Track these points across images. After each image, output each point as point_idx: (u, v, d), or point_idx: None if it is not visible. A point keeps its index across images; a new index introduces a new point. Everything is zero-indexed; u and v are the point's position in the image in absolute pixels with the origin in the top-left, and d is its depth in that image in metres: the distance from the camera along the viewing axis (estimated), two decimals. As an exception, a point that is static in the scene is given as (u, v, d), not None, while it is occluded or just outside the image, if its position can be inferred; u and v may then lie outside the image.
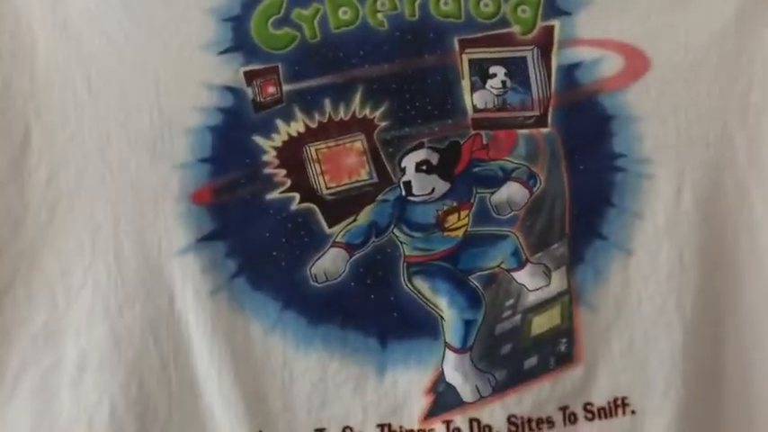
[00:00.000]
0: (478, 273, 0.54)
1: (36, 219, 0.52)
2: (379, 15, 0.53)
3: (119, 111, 0.52)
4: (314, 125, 0.53)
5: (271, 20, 0.53)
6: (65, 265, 0.52)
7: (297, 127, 0.53)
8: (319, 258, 0.53)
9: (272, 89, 0.53)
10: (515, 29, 0.54)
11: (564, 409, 0.54)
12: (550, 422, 0.53)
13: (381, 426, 0.53)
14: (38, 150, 0.52)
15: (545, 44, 0.54)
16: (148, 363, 0.52)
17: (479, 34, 0.54)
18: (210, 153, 0.52)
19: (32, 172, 0.52)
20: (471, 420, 0.53)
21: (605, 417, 0.54)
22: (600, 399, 0.54)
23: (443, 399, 0.53)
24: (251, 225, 0.53)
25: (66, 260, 0.52)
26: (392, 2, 0.53)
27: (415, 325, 0.54)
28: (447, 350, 0.54)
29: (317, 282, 0.53)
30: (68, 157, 0.52)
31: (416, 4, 0.53)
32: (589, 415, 0.54)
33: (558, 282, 0.54)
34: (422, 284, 0.54)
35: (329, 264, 0.53)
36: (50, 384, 0.52)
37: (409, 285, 0.54)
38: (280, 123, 0.53)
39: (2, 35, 0.51)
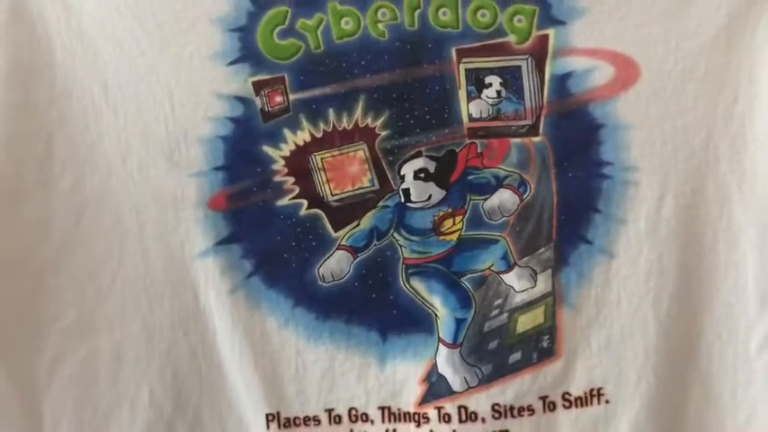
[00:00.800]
0: (470, 275, 0.58)
1: (63, 223, 0.55)
2: (380, 25, 0.54)
3: (136, 120, 0.55)
4: (319, 134, 0.55)
5: (276, 30, 0.54)
6: (93, 267, 0.56)
7: (303, 136, 0.55)
8: (326, 260, 0.57)
9: (279, 99, 0.55)
10: (511, 38, 0.54)
11: (544, 398, 0.57)
12: (531, 410, 0.57)
13: (382, 408, 0.58)
14: (61, 158, 0.55)
15: (540, 53, 0.54)
16: (180, 352, 0.57)
17: (476, 44, 0.54)
18: (224, 162, 0.55)
19: (57, 179, 0.55)
20: (460, 407, 0.57)
21: (581, 405, 0.57)
22: (577, 389, 0.57)
23: (436, 388, 0.57)
24: (263, 230, 0.56)
25: (94, 262, 0.56)
26: (392, 12, 0.54)
27: (412, 322, 0.57)
28: (440, 345, 0.58)
29: (324, 281, 0.57)
30: (91, 164, 0.55)
31: (416, 14, 0.54)
32: (567, 403, 0.57)
33: (543, 284, 0.57)
34: (419, 285, 0.57)
35: (335, 265, 0.56)
36: (89, 372, 0.57)
37: (407, 286, 0.57)
38: (287, 133, 0.55)
39: (20, 40, 0.53)
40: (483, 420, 0.57)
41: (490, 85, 0.55)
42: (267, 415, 0.58)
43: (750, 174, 0.55)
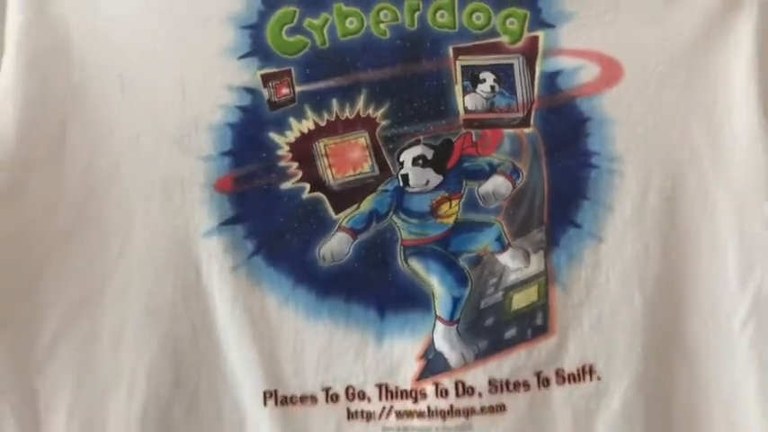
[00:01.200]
0: (466, 255, 0.59)
1: (72, 199, 0.56)
2: (382, 25, 0.58)
3: (149, 108, 0.57)
4: (323, 123, 0.58)
5: (284, 28, 0.57)
6: (101, 242, 0.57)
7: (307, 124, 0.58)
8: (327, 241, 0.58)
9: (285, 90, 0.58)
10: (504, 39, 0.58)
11: (538, 374, 0.58)
12: (526, 385, 0.58)
13: (379, 385, 0.58)
14: (73, 141, 0.57)
15: (530, 53, 0.58)
16: (181, 329, 0.57)
17: (471, 43, 0.58)
18: (231, 147, 0.58)
19: (69, 161, 0.56)
20: (457, 382, 0.58)
21: (574, 381, 0.58)
22: (570, 366, 0.58)
23: (433, 364, 0.58)
24: (267, 211, 0.58)
25: (102, 238, 0.57)
26: (394, 13, 0.58)
27: (409, 300, 0.58)
28: (437, 322, 0.58)
29: (324, 262, 0.58)
30: (103, 148, 0.57)
31: (416, 15, 0.58)
32: (560, 379, 0.58)
33: (536, 264, 0.59)
34: (416, 265, 0.59)
35: (335, 246, 0.58)
36: (89, 350, 0.57)
37: (405, 265, 0.59)
38: (292, 121, 0.58)
39: (41, 35, 0.56)
40: (480, 395, 0.57)
41: (484, 80, 0.58)
42: (265, 393, 0.58)
43: (729, 169, 0.58)
